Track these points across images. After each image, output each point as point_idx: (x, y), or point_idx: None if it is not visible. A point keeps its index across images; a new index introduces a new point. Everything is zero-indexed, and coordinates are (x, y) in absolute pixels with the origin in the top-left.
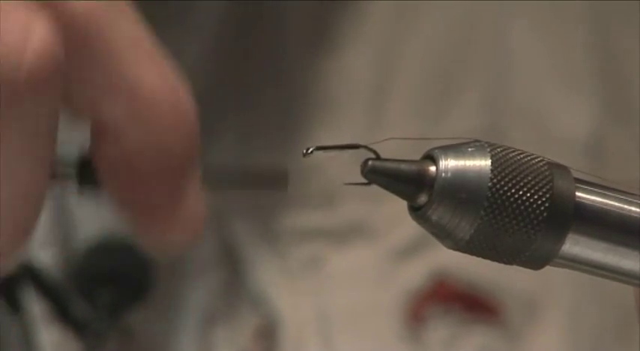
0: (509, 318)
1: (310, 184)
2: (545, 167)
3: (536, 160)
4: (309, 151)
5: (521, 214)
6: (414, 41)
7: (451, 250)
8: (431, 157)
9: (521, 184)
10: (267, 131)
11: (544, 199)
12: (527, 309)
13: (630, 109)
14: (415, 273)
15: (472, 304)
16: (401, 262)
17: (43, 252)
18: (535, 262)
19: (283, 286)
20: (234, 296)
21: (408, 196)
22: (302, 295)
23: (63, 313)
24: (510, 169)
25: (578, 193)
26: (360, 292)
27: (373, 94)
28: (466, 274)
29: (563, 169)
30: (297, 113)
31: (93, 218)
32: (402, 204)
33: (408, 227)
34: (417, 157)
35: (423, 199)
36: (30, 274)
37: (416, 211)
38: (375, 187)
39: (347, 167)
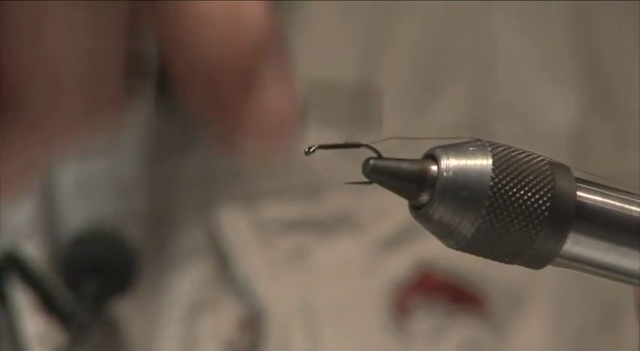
0: (494, 309)
1: (295, 175)
2: (547, 167)
3: (538, 160)
4: (311, 150)
5: (522, 214)
6: (399, 36)
7: (436, 242)
8: (432, 156)
9: (523, 183)
10: None
11: (545, 198)
12: (512, 300)
13: (614, 104)
14: (400, 264)
15: (457, 296)
16: (386, 253)
17: (28, 242)
18: (536, 261)
19: (268, 277)
20: (219, 287)
21: (410, 195)
22: (287, 286)
23: (48, 303)
24: (512, 168)
25: (579, 193)
26: (346, 283)
27: (358, 89)
28: (451, 266)
29: (565, 168)
30: None
31: (78, 208)
32: (388, 196)
33: (394, 219)
34: (400, 154)
35: (424, 198)
36: (15, 263)
37: (417, 210)
38: (360, 179)
39: (332, 158)
